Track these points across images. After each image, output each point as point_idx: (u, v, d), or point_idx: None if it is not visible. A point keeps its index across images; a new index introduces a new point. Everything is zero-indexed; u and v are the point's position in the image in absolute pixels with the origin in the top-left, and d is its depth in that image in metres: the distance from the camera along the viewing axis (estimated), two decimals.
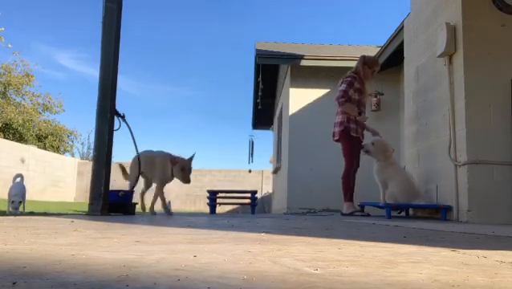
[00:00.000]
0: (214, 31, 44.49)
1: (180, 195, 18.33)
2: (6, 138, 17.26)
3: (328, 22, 45.87)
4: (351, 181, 5.23)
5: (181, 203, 18.11)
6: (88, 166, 14.77)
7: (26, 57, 28.46)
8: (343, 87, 5.28)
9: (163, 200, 4.81)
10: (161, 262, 1.07)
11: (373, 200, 6.76)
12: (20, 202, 4.88)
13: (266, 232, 2.17)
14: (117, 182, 6.56)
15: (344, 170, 5.26)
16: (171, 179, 4.84)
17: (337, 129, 5.31)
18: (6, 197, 5.18)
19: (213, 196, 6.07)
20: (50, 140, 20.51)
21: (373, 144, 5.04)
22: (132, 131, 4.71)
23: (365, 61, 5.43)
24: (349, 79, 5.30)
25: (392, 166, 4.99)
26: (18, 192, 4.97)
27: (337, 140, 5.38)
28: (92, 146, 9.03)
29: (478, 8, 4.26)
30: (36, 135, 20.15)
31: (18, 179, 5.21)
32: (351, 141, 5.24)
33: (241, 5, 44.38)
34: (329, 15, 45.65)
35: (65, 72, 39.11)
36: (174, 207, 13.09)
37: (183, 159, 4.78)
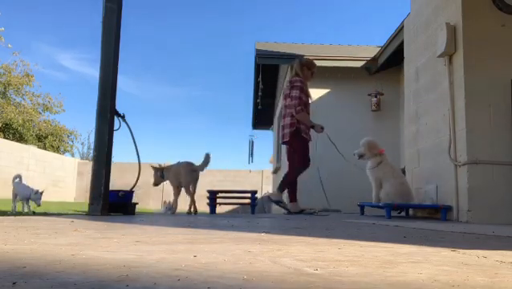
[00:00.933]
0: (214, 31, 44.49)
1: (180, 195, 18.27)
2: (6, 138, 17.26)
3: (328, 21, 45.85)
4: (296, 181, 5.32)
5: (181, 203, 18.07)
6: (88, 166, 14.75)
7: (28, 58, 28.49)
8: (296, 93, 5.19)
9: None
10: (161, 262, 1.07)
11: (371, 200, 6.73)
12: (41, 193, 5.07)
13: (266, 232, 2.17)
14: (117, 182, 6.55)
15: (292, 170, 5.27)
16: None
17: (287, 130, 5.27)
18: (6, 197, 5.22)
19: (213, 196, 6.07)
20: (50, 140, 20.51)
21: (363, 145, 5.07)
22: (132, 131, 4.71)
23: (303, 63, 5.39)
24: (299, 84, 5.23)
25: (387, 166, 4.98)
26: (26, 190, 5.14)
27: (286, 142, 5.35)
28: (92, 146, 9.03)
29: (478, 8, 4.26)
30: (36, 135, 20.16)
31: (17, 180, 5.25)
32: (302, 142, 5.27)
33: (241, 4, 44.38)
34: (329, 15, 45.64)
35: (66, 73, 39.22)
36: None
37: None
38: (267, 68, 9.81)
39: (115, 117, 4.49)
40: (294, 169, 5.29)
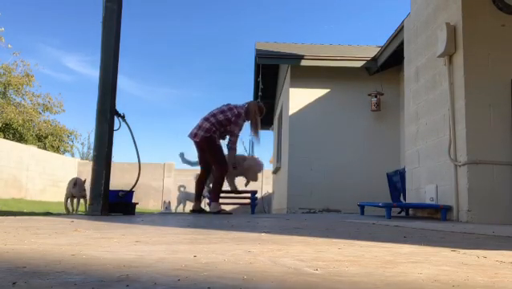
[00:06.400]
0: (214, 32, 44.48)
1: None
2: (6, 138, 17.24)
3: (327, 21, 45.85)
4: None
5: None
6: (88, 166, 14.71)
7: (31, 59, 28.44)
8: (240, 125, 5.55)
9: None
10: (161, 262, 1.07)
11: (373, 200, 6.77)
12: None
13: (266, 232, 2.17)
14: (117, 182, 6.57)
15: (219, 173, 5.48)
16: None
17: (201, 133, 5.46)
18: (5, 196, 5.22)
19: None
20: (50, 140, 20.49)
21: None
22: (132, 131, 4.71)
23: (259, 107, 5.70)
24: (241, 121, 5.53)
25: None
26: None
27: (196, 142, 5.55)
28: (92, 146, 9.03)
29: (478, 8, 4.26)
30: (36, 135, 20.14)
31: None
32: (217, 146, 5.52)
33: (241, 4, 44.36)
34: (328, 15, 45.62)
35: (70, 74, 39.31)
36: (174, 207, 13.09)
37: None
38: (267, 68, 9.81)
39: (115, 117, 4.49)
40: (223, 174, 5.52)
